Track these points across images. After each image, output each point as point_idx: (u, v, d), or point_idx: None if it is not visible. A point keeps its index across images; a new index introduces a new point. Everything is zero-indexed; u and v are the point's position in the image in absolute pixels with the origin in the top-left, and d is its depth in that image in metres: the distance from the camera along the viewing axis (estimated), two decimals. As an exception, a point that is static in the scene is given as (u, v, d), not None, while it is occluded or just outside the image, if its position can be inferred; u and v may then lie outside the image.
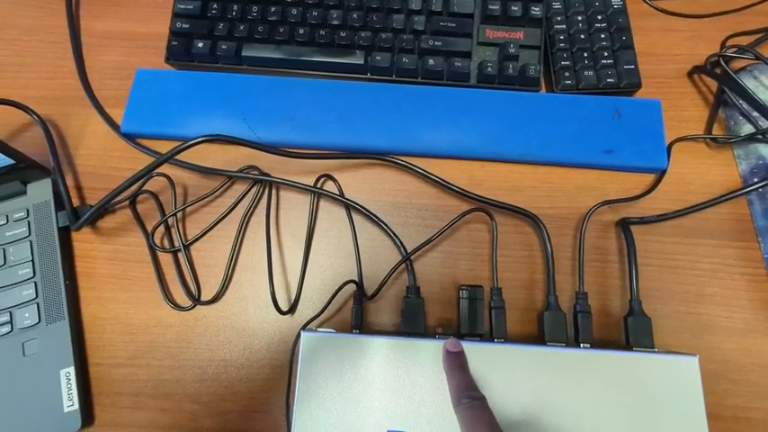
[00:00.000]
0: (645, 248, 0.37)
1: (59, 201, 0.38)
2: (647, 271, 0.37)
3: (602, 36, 0.41)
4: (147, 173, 0.35)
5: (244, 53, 0.41)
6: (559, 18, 0.42)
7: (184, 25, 0.41)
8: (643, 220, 0.38)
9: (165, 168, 0.39)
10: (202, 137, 0.34)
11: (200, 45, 0.41)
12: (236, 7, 0.41)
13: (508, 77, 0.40)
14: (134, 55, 0.45)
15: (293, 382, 0.32)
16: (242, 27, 0.41)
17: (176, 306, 0.37)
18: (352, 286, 0.36)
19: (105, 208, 0.38)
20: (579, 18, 0.42)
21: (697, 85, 0.43)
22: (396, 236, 0.37)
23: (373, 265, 0.38)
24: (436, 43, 0.40)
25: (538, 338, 0.35)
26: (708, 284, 0.37)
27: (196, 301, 0.37)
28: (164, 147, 0.41)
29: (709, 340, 0.35)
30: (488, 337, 0.34)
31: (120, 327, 0.37)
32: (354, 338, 0.32)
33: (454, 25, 0.41)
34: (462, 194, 0.38)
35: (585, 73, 0.41)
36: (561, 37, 0.42)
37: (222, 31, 0.41)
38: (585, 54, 0.41)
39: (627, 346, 0.33)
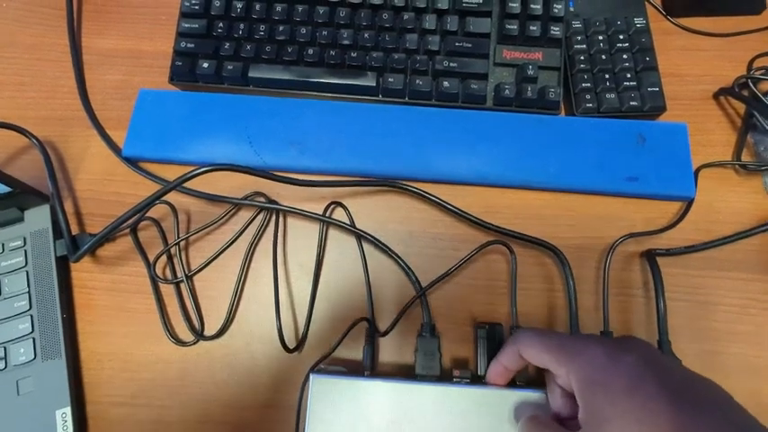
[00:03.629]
0: (671, 282, 0.35)
1: (58, 228, 0.37)
2: (674, 306, 0.35)
3: (625, 57, 0.40)
4: (151, 203, 0.33)
5: (250, 74, 0.39)
6: (579, 38, 0.40)
7: (189, 45, 0.40)
8: (669, 252, 0.36)
9: (167, 195, 0.37)
10: (209, 167, 0.32)
11: (206, 65, 0.39)
12: (242, 26, 0.40)
13: (526, 100, 0.38)
14: (137, 74, 0.43)
15: (302, 426, 0.30)
16: (248, 47, 0.39)
17: (178, 341, 0.35)
18: (365, 323, 0.34)
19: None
20: (600, 38, 0.40)
21: (723, 108, 0.41)
22: (410, 269, 0.35)
23: (386, 297, 0.36)
24: (451, 64, 0.39)
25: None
26: (739, 321, 0.35)
27: (199, 335, 0.35)
28: (167, 171, 0.40)
29: (742, 381, 0.33)
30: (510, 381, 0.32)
31: (119, 363, 0.35)
32: (366, 382, 0.30)
33: (470, 45, 0.39)
34: (480, 225, 0.37)
35: (607, 95, 0.39)
36: (581, 57, 0.40)
37: (228, 51, 0.39)
38: (607, 76, 0.39)
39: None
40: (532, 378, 0.32)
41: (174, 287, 0.37)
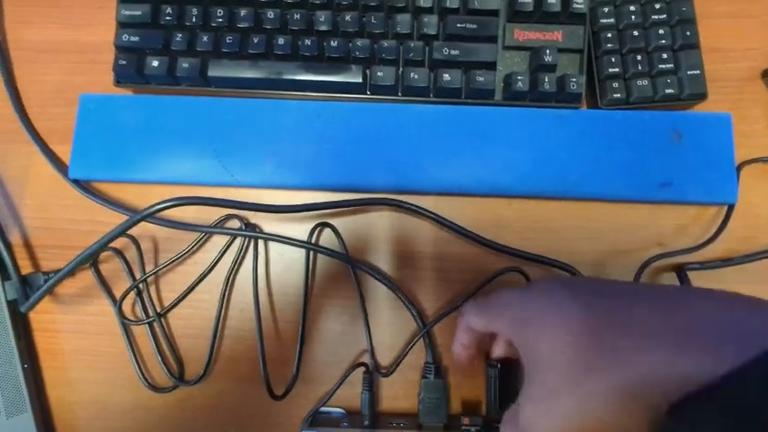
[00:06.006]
0: (704, 299, 0.32)
1: (4, 268, 0.32)
2: (707, 327, 0.31)
3: (661, 32, 0.33)
4: (108, 242, 0.28)
5: (210, 73, 0.32)
6: (606, 9, 0.33)
7: (133, 38, 0.33)
8: (704, 266, 0.32)
9: (126, 225, 0.32)
10: (172, 201, 0.27)
11: (155, 64, 0.32)
12: (195, 11, 0.32)
13: (542, 94, 0.32)
14: (78, 72, 0.36)
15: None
16: (205, 38, 0.32)
17: (155, 388, 0.32)
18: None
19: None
20: (632, 8, 0.33)
21: (773, 90, 0.35)
22: (411, 304, 0.31)
23: (385, 330, 0.32)
24: (452, 52, 0.32)
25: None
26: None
27: (178, 380, 0.32)
28: (123, 192, 0.34)
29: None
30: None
31: (93, 411, 0.32)
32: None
33: (475, 27, 0.32)
34: (489, 247, 0.32)
35: (639, 82, 0.32)
36: (608, 35, 0.33)
37: (181, 45, 0.32)
38: (639, 57, 0.33)
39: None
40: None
41: (146, 327, 0.33)
